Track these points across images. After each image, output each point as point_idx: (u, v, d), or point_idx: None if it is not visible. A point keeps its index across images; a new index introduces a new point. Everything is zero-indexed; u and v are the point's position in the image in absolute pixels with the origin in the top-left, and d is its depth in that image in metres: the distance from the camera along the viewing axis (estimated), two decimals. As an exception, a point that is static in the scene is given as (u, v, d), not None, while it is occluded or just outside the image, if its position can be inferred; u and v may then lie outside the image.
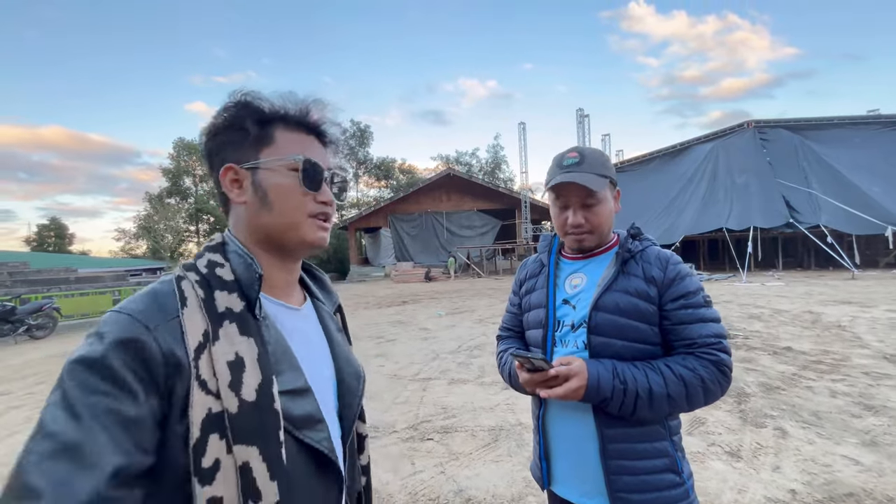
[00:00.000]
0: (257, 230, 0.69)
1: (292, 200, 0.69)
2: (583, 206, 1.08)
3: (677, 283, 1.03)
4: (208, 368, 0.57)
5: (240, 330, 0.60)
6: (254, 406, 0.57)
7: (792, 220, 16.33)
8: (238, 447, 0.55)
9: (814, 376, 4.29)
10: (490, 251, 26.14)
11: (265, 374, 0.59)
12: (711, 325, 1.01)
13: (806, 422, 3.26)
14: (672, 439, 1.03)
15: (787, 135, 19.96)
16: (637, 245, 1.09)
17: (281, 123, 0.70)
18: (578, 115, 23.98)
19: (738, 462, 2.73)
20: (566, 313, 1.11)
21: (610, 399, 0.96)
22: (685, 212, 19.70)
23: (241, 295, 0.63)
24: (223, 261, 0.66)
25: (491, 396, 4.17)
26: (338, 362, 0.77)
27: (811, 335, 6.02)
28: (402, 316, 10.16)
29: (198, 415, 0.55)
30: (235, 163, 0.68)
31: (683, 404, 0.97)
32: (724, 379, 0.99)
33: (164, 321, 0.57)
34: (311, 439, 0.63)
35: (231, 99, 0.70)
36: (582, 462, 1.04)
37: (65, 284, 14.04)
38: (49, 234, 42.04)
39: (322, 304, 0.82)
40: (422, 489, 2.61)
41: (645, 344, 1.02)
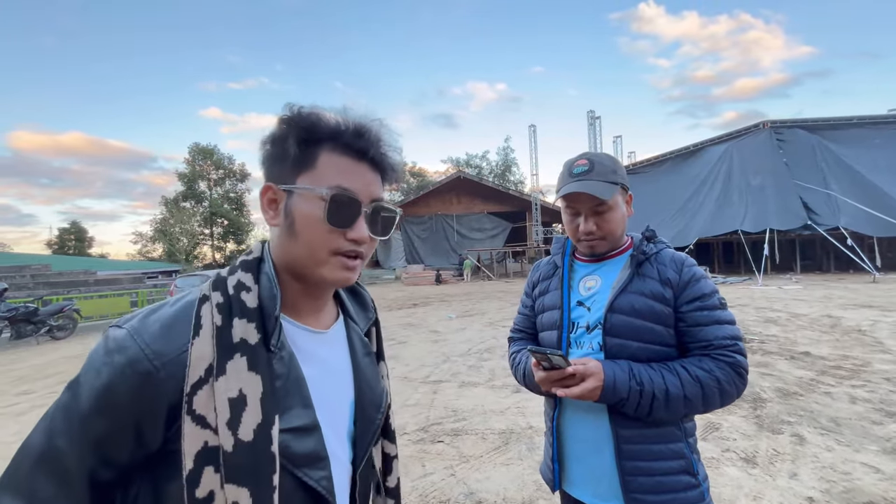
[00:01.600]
0: (283, 256, 0.66)
1: (317, 234, 0.63)
2: (594, 213, 1.09)
3: (693, 285, 1.04)
4: (208, 403, 0.56)
5: (249, 365, 0.58)
6: (250, 447, 0.56)
7: (810, 222, 15.99)
8: (229, 486, 0.55)
9: (833, 382, 4.20)
10: (500, 254, 26.08)
11: (266, 415, 0.58)
12: (727, 326, 1.02)
13: (825, 428, 3.19)
14: (688, 441, 1.03)
15: (804, 135, 19.58)
16: (652, 247, 1.10)
17: (329, 145, 0.64)
18: (589, 116, 23.85)
19: (754, 468, 2.68)
20: (581, 315, 1.11)
21: (626, 400, 0.97)
22: (699, 214, 19.42)
23: (260, 326, 0.61)
24: (252, 283, 0.63)
25: (501, 399, 4.17)
26: (359, 388, 0.74)
27: (830, 340, 5.88)
28: (412, 318, 10.19)
29: (191, 447, 0.55)
30: (274, 182, 0.65)
31: (699, 405, 0.98)
32: (740, 380, 0.99)
33: (172, 356, 0.57)
34: (310, 478, 0.61)
35: (284, 111, 0.65)
36: (597, 463, 1.04)
37: (84, 286, 14.41)
38: (70, 237, 43.15)
39: (354, 325, 0.78)
40: (432, 491, 2.62)
41: (660, 345, 1.03)
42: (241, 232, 43.90)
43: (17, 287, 12.96)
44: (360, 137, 0.65)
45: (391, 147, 0.68)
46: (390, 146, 0.68)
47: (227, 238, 43.87)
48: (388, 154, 0.68)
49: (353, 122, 0.65)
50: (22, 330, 9.31)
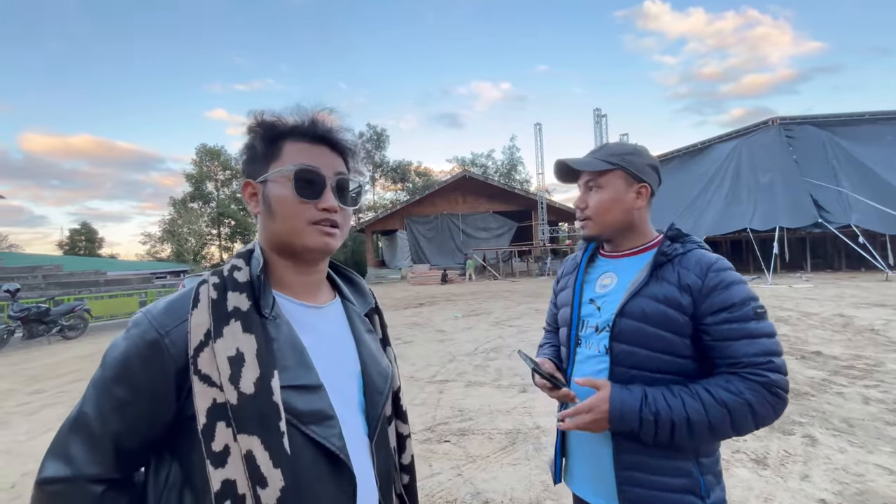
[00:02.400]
0: (269, 238, 0.75)
1: (291, 209, 0.71)
2: (586, 188, 1.08)
3: (719, 292, 0.93)
4: (211, 363, 0.62)
5: (243, 327, 0.65)
6: (252, 398, 0.61)
7: (821, 220, 15.76)
8: (241, 436, 0.60)
9: (845, 382, 4.13)
10: (506, 253, 26.01)
11: (264, 369, 0.63)
12: (761, 341, 0.90)
13: (837, 429, 3.14)
14: (698, 460, 0.94)
15: (814, 131, 19.30)
16: (677, 248, 1.01)
17: (289, 137, 0.74)
18: (595, 115, 23.70)
19: (765, 470, 2.65)
20: (591, 313, 1.07)
21: (639, 429, 0.90)
22: (707, 212, 19.23)
23: (251, 295, 0.68)
24: (244, 265, 0.71)
25: (508, 399, 4.15)
26: (364, 360, 0.78)
27: (842, 339, 5.79)
28: (418, 318, 10.19)
29: (202, 404, 0.61)
30: (251, 178, 0.75)
31: (728, 430, 0.89)
32: (777, 401, 0.88)
33: (175, 325, 0.65)
34: (318, 434, 0.65)
35: (249, 118, 0.75)
36: (596, 464, 1.02)
37: (95, 287, 14.58)
38: (80, 238, 43.71)
39: (352, 305, 0.84)
40: (439, 491, 2.61)
41: (672, 355, 0.95)
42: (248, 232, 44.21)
43: (30, 287, 13.14)
44: (314, 125, 0.75)
45: (343, 129, 0.78)
46: (342, 128, 0.78)
47: (234, 238, 44.22)
48: (341, 134, 0.77)
49: (307, 114, 0.75)
50: (34, 330, 9.44)
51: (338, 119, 0.78)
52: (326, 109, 0.77)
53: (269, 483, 0.59)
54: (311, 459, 0.65)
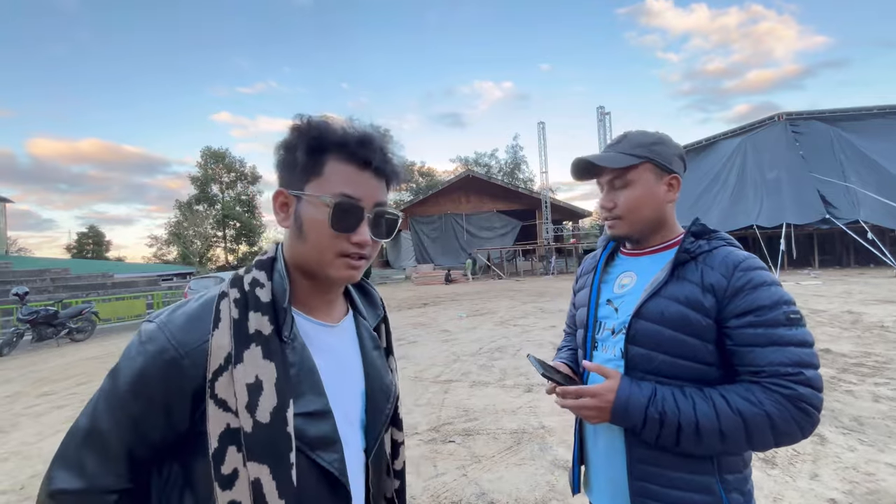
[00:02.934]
0: (295, 256, 0.71)
1: (323, 237, 0.68)
2: (612, 187, 0.98)
3: (746, 294, 0.85)
4: (229, 388, 0.62)
5: (263, 353, 0.64)
6: (267, 428, 0.61)
7: (828, 216, 15.61)
8: (251, 464, 0.60)
9: (855, 380, 4.08)
10: (510, 252, 25.98)
11: (281, 399, 0.63)
12: (791, 350, 0.81)
13: (847, 427, 3.11)
14: (722, 476, 0.87)
15: (821, 127, 19.11)
16: (702, 245, 0.93)
17: (335, 153, 0.68)
18: (599, 112, 23.61)
19: (773, 469, 2.62)
20: (607, 315, 1.01)
21: (642, 427, 0.86)
22: (711, 210, 19.09)
23: (273, 318, 0.66)
24: (266, 280, 0.68)
25: (513, 399, 4.14)
26: (369, 378, 0.78)
27: (851, 336, 5.73)
28: (423, 318, 10.20)
29: (215, 429, 0.61)
30: (286, 187, 0.70)
31: (743, 443, 0.81)
32: (804, 418, 0.79)
33: (195, 346, 0.63)
34: (323, 460, 0.66)
35: (295, 119, 0.70)
36: (611, 475, 0.97)
37: (102, 289, 14.72)
38: (88, 241, 44.16)
39: (363, 321, 0.83)
40: (444, 492, 2.61)
41: (692, 361, 0.88)
42: (253, 234, 44.47)
43: (38, 290, 13.29)
44: (363, 147, 0.68)
45: (394, 155, 0.73)
46: (393, 154, 0.73)
47: (239, 240, 44.47)
48: (391, 162, 0.72)
49: (358, 132, 0.69)
50: (43, 332, 9.54)
51: (390, 141, 0.72)
52: (381, 129, 0.72)
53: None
54: (314, 483, 0.65)
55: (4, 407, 5.21)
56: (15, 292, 9.52)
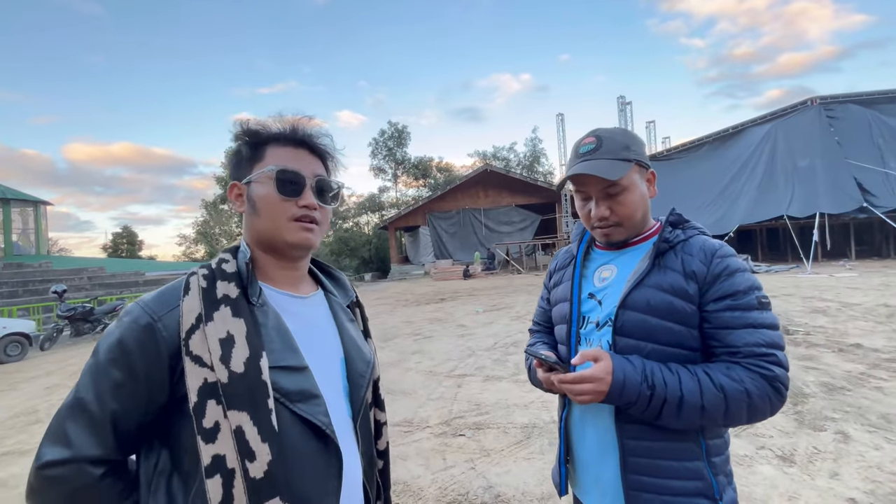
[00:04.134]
0: (254, 234, 0.80)
1: (273, 207, 0.77)
2: (606, 196, 0.97)
3: (723, 279, 0.89)
4: (202, 345, 0.66)
5: (233, 312, 0.70)
6: (242, 377, 0.66)
7: (866, 204, 14.80)
8: (231, 412, 0.64)
9: (886, 376, 3.89)
10: (530, 247, 25.74)
11: (252, 350, 0.68)
12: (764, 331, 0.86)
13: (873, 425, 2.97)
14: (710, 461, 0.90)
15: (858, 110, 18.07)
16: (679, 234, 0.96)
17: (273, 143, 0.80)
18: (620, 102, 23.03)
19: (791, 467, 2.54)
20: (591, 309, 1.01)
21: (634, 404, 0.87)
22: (740, 199, 18.36)
23: (239, 283, 0.73)
24: (231, 258, 0.77)
25: (525, 394, 4.13)
26: (346, 346, 0.84)
27: (886, 331, 5.45)
28: (440, 313, 10.25)
29: (193, 384, 0.65)
30: (237, 180, 0.81)
31: (719, 418, 0.85)
32: (776, 397, 0.85)
33: (167, 310, 0.69)
34: (305, 411, 0.70)
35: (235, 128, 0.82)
36: (601, 471, 0.97)
37: (135, 287, 15.38)
38: (122, 241, 46.05)
39: (334, 297, 0.90)
40: (451, 484, 2.64)
41: (679, 348, 0.91)
42: (276, 232, 45.29)
43: (76, 288, 14.00)
44: (294, 131, 0.81)
45: (322, 134, 0.84)
46: (321, 133, 0.84)
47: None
48: (320, 139, 0.84)
49: (289, 121, 0.81)
50: (80, 328, 10.07)
51: (317, 125, 0.84)
52: (306, 116, 0.83)
53: (257, 456, 0.63)
54: (299, 435, 0.69)
55: (44, 398, 5.54)
56: (54, 290, 10.07)
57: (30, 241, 18.36)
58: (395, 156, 38.97)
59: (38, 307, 12.27)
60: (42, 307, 12.32)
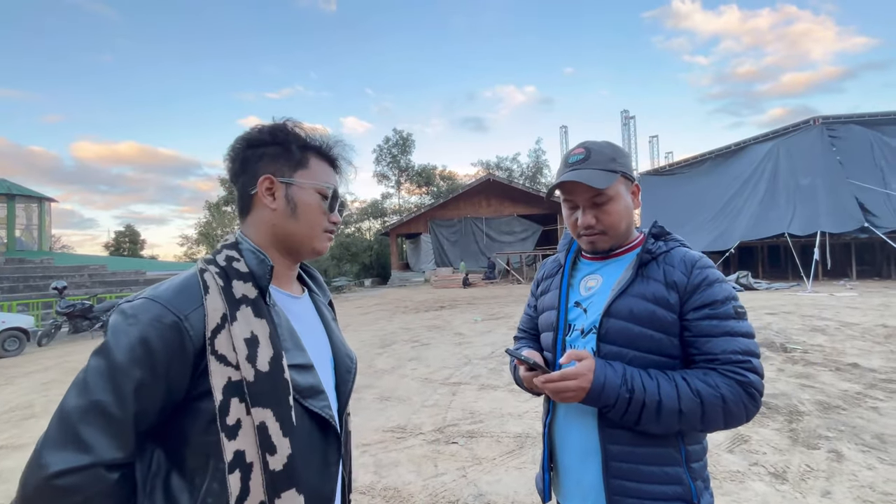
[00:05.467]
0: (279, 234, 0.83)
1: (316, 217, 0.84)
2: (592, 205, 1.00)
3: (703, 289, 0.93)
4: (227, 344, 0.68)
5: (254, 312, 0.72)
6: (268, 375, 0.68)
7: (867, 224, 14.80)
8: (255, 409, 0.67)
9: (882, 396, 3.88)
10: (530, 257, 25.74)
11: (276, 350, 0.71)
12: (740, 339, 0.90)
13: (867, 445, 2.96)
14: (689, 466, 0.93)
15: (860, 131, 18.15)
16: (661, 246, 1.00)
17: (314, 152, 0.85)
18: (623, 116, 23.19)
19: (783, 484, 2.53)
20: (577, 317, 1.04)
21: (612, 407, 0.90)
22: (741, 216, 18.39)
23: (255, 284, 0.75)
24: (239, 256, 0.77)
25: (520, 404, 4.12)
26: (333, 344, 0.90)
27: (883, 351, 5.43)
28: (438, 321, 10.24)
29: (218, 382, 0.67)
30: (272, 175, 0.81)
31: (697, 423, 0.88)
32: (751, 403, 0.88)
33: (193, 308, 0.69)
34: (315, 406, 0.75)
35: (278, 122, 0.85)
36: (584, 476, 0.99)
37: (135, 285, 15.41)
38: (125, 239, 46.21)
39: (317, 296, 0.95)
40: (442, 491, 2.63)
41: (660, 356, 0.94)
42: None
43: (76, 285, 14.04)
44: (334, 151, 0.89)
45: (347, 160, 0.92)
46: (347, 159, 0.92)
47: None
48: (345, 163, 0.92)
49: (329, 139, 0.88)
50: (79, 325, 10.09)
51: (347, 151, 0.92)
52: (342, 141, 0.91)
53: (278, 451, 0.67)
54: (308, 429, 0.74)
55: (41, 393, 5.54)
56: (54, 286, 10.11)
57: (32, 236, 18.46)
58: (399, 163, 39.19)
59: (38, 303, 12.31)
60: (41, 303, 12.36)
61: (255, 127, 0.85)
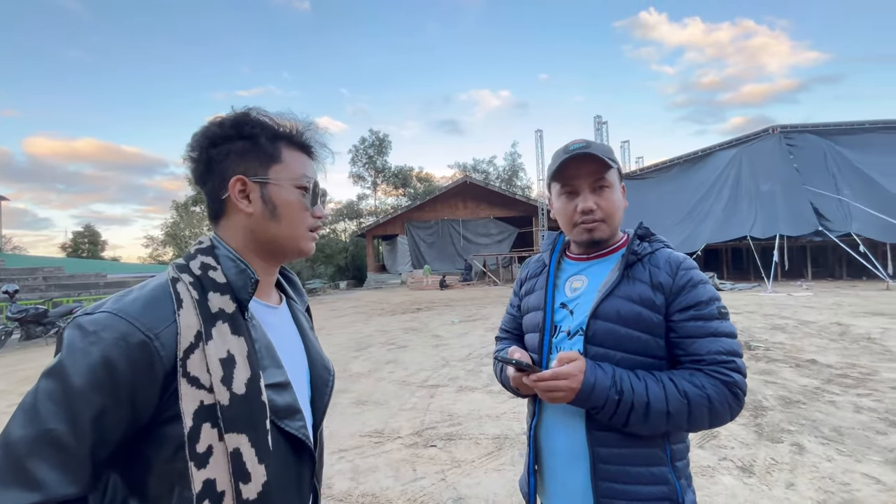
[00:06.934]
0: (259, 238, 0.75)
1: (298, 215, 0.76)
2: (594, 188, 0.99)
3: (688, 290, 0.94)
4: (201, 365, 0.62)
5: (231, 329, 0.65)
6: (243, 399, 0.63)
7: (821, 228, 15.70)
8: (229, 435, 0.61)
9: (838, 390, 4.10)
10: (506, 259, 25.99)
11: (253, 370, 0.65)
12: (725, 340, 0.91)
13: (826, 437, 3.12)
14: (674, 465, 0.93)
15: (815, 140, 19.27)
16: (646, 247, 1.00)
17: (285, 142, 0.76)
18: (596, 122, 23.78)
19: (750, 478, 2.63)
20: (563, 318, 1.03)
21: (601, 409, 0.89)
22: (707, 219, 19.17)
23: (233, 297, 0.68)
24: (215, 264, 0.70)
25: (498, 405, 4.13)
26: (310, 356, 0.83)
27: (838, 347, 5.75)
28: (415, 323, 10.18)
29: (189, 407, 0.60)
30: (244, 175, 0.72)
31: (683, 423, 0.89)
32: (735, 402, 0.89)
33: (164, 326, 0.62)
34: (291, 427, 0.69)
35: (240, 113, 0.74)
36: (570, 479, 0.98)
37: (95, 289, 14.63)
38: (83, 241, 43.89)
39: (295, 304, 0.88)
40: (421, 496, 2.60)
41: (647, 357, 0.94)
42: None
43: (30, 289, 13.20)
44: (306, 136, 0.79)
45: (323, 145, 0.83)
46: (322, 144, 0.82)
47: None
48: (321, 149, 0.83)
49: (300, 124, 0.78)
50: (31, 331, 9.47)
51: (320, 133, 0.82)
52: (313, 123, 0.81)
53: (252, 478, 0.62)
54: (284, 450, 0.69)
55: (-13, 405, 5.16)
56: (4, 290, 9.46)
57: (-20, 237, 17.26)
58: (376, 164, 38.87)
59: (-14, 308, 11.49)
60: (-10, 308, 11.54)
61: (214, 120, 0.73)
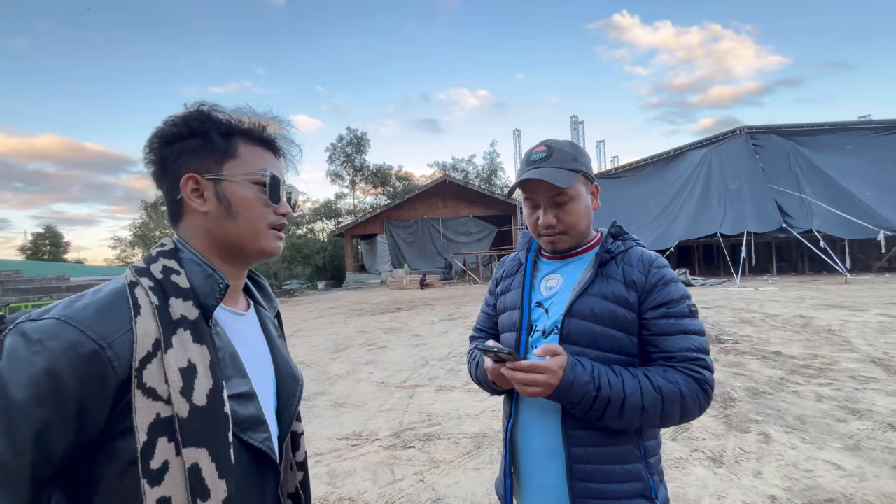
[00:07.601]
0: (217, 238, 0.71)
1: (256, 212, 0.72)
2: (553, 204, 0.99)
3: (660, 288, 0.95)
4: (159, 376, 0.58)
5: (194, 337, 0.62)
6: (204, 410, 0.59)
7: (785, 225, 16.39)
8: (188, 449, 0.57)
9: (801, 381, 4.28)
10: (486, 257, 26.14)
11: (216, 381, 0.61)
12: (694, 338, 0.93)
13: (790, 426, 3.25)
14: (647, 462, 0.94)
15: (778, 140, 20.11)
16: (619, 245, 1.01)
17: (243, 137, 0.73)
18: (572, 121, 24.16)
19: (720, 468, 2.71)
20: (539, 317, 1.03)
21: (577, 403, 0.89)
22: (679, 217, 19.77)
23: (197, 303, 0.64)
24: (179, 268, 0.66)
25: (477, 403, 4.14)
26: (277, 365, 0.80)
27: (801, 339, 6.01)
28: (395, 323, 10.11)
29: (143, 420, 0.56)
30: (196, 172, 0.69)
31: (656, 418, 0.90)
32: (704, 398, 0.91)
33: (118, 335, 0.57)
34: (255, 440, 0.66)
35: (191, 109, 0.71)
36: (546, 480, 0.98)
37: (56, 293, 13.94)
38: (44, 242, 41.83)
39: (264, 310, 0.85)
40: (399, 498, 2.57)
41: (621, 354, 0.95)
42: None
43: (-16, 294, 12.47)
44: (266, 131, 0.76)
45: (288, 139, 0.80)
46: (287, 138, 0.79)
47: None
48: (291, 145, 0.80)
49: (260, 118, 0.75)
50: (-13, 338, 8.95)
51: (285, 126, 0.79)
52: (277, 117, 0.78)
53: (212, 495, 0.58)
54: (246, 464, 0.65)
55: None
56: (-44, 295, 8.91)
57: (-71, 239, 16.21)
58: (354, 162, 38.40)
59: (-64, 315, 10.79)
60: (-60, 315, 10.84)
61: (167, 119, 0.71)
